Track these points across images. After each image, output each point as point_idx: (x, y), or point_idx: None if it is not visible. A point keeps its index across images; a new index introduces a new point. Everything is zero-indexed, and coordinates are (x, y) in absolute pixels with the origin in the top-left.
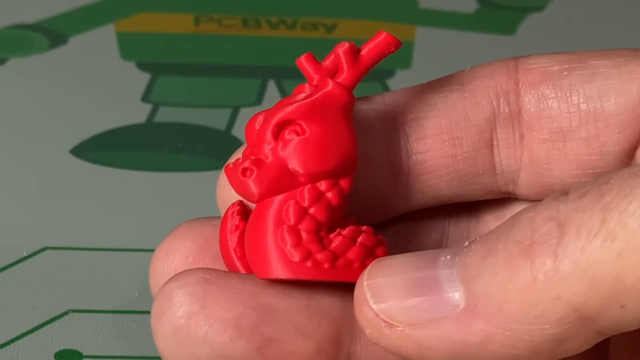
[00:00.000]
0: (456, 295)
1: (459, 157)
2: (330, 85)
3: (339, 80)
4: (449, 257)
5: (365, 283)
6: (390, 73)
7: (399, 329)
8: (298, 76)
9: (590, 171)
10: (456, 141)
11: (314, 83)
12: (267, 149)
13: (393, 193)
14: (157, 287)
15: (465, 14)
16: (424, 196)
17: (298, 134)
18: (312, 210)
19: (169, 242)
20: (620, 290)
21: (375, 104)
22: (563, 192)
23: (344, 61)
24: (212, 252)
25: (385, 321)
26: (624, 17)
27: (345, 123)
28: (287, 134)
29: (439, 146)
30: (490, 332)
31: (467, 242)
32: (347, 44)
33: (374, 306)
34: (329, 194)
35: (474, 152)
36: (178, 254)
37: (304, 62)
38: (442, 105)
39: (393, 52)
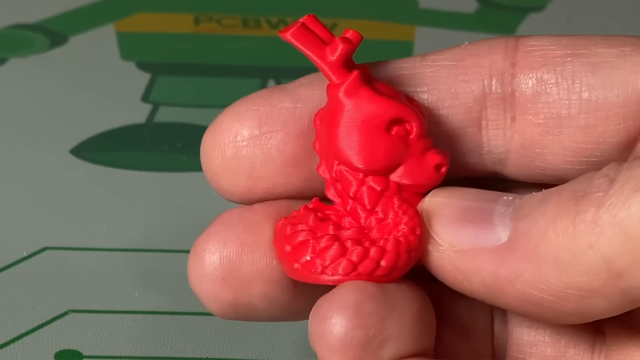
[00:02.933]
0: (503, 231)
1: (442, 135)
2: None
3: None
4: (510, 198)
5: (427, 198)
6: None
7: (442, 249)
8: (298, 76)
9: (585, 159)
10: (441, 119)
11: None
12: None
13: None
14: (203, 280)
15: (465, 14)
16: None
17: None
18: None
19: (217, 231)
20: None
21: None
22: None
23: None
24: (265, 239)
25: (432, 238)
26: (624, 17)
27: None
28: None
29: None
30: (521, 269)
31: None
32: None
33: (426, 221)
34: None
35: (459, 131)
36: (230, 243)
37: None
38: (430, 82)
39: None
